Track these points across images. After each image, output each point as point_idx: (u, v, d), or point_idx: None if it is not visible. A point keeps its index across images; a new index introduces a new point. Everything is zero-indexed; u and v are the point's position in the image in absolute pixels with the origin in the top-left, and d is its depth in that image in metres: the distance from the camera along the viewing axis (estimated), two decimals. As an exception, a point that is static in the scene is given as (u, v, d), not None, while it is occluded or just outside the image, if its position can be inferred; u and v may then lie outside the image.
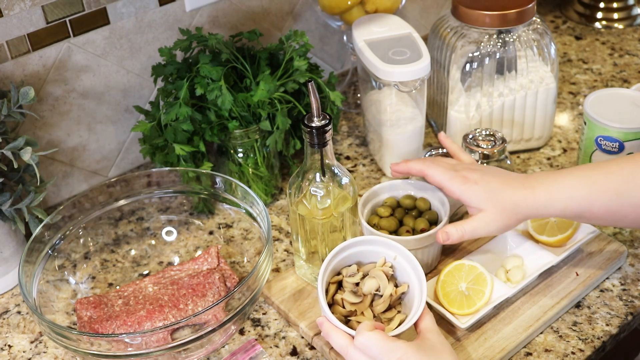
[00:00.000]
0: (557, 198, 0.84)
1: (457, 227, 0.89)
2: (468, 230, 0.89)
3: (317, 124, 0.84)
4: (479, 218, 0.88)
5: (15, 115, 0.96)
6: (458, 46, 1.12)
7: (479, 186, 0.88)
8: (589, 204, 0.83)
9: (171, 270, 1.00)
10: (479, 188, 0.88)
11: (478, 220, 0.88)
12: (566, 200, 0.84)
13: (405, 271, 0.86)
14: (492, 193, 0.87)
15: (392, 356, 0.74)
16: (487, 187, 0.88)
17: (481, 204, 0.88)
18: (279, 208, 1.13)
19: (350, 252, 0.87)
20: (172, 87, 1.05)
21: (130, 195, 1.04)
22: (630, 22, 1.53)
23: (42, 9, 1.03)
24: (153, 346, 0.82)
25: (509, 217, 0.87)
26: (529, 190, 0.86)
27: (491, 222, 0.88)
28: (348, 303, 0.83)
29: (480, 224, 0.88)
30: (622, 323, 0.91)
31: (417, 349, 0.75)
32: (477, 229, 0.88)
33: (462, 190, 0.89)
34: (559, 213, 0.85)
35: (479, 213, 0.88)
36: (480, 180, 0.88)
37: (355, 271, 0.86)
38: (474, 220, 0.88)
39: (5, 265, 1.01)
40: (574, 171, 0.85)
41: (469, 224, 0.89)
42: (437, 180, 0.92)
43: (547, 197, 0.85)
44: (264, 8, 1.26)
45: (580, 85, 1.36)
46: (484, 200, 0.87)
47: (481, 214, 0.88)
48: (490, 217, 0.87)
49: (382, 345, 0.75)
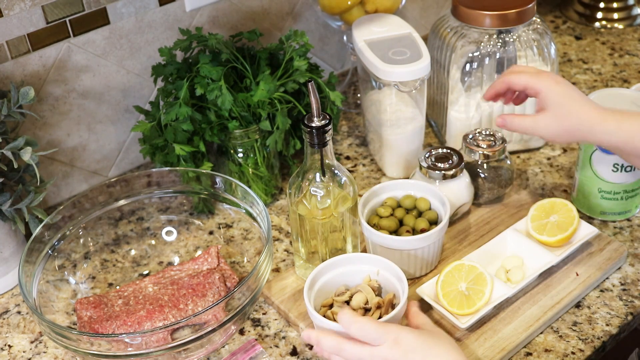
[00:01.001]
0: (624, 129, 0.86)
1: (519, 117, 0.93)
2: (529, 124, 0.92)
3: (317, 124, 0.84)
4: (542, 116, 0.91)
5: (15, 115, 0.96)
6: (458, 46, 1.12)
7: (560, 87, 0.90)
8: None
9: (171, 270, 1.00)
10: (559, 88, 0.90)
11: (541, 118, 0.91)
12: (633, 132, 0.86)
13: (389, 282, 0.88)
14: (567, 98, 0.89)
15: (388, 337, 0.74)
16: (566, 91, 0.90)
17: (553, 102, 0.89)
18: (279, 208, 1.13)
19: (334, 274, 0.90)
20: (172, 87, 1.05)
21: (130, 195, 1.04)
22: (630, 22, 1.53)
23: (42, 9, 1.03)
24: (153, 346, 0.82)
25: (569, 130, 0.89)
26: (599, 115, 0.88)
27: (551, 125, 0.90)
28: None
29: (541, 122, 0.91)
30: (622, 323, 0.91)
31: (410, 330, 0.75)
32: (537, 125, 0.91)
33: (546, 84, 0.91)
34: (619, 144, 0.87)
35: (544, 112, 0.90)
36: (563, 84, 0.91)
37: (344, 290, 0.89)
38: (537, 116, 0.91)
39: (5, 265, 1.01)
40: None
41: (531, 118, 0.92)
42: (525, 75, 0.93)
43: (615, 126, 0.87)
44: (264, 8, 1.26)
45: (580, 85, 1.36)
46: (557, 101, 0.89)
47: (546, 113, 0.90)
48: (553, 120, 0.90)
49: (377, 327, 0.75)
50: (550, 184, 1.13)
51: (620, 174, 1.00)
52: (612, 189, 1.02)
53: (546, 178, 1.15)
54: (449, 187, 1.02)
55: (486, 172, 1.05)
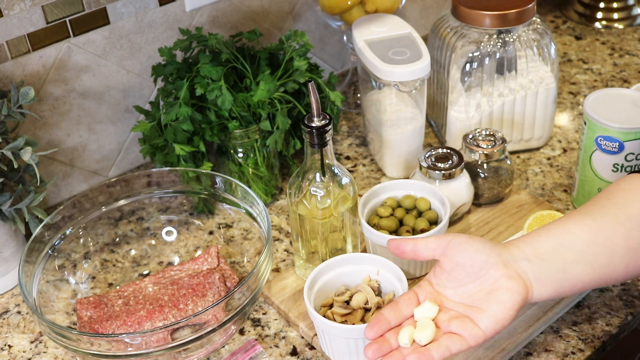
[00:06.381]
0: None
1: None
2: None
3: (317, 124, 0.84)
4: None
5: (15, 115, 0.96)
6: (458, 46, 1.12)
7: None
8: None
9: (171, 270, 1.00)
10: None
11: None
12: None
13: (389, 282, 0.88)
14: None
15: None
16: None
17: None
18: (279, 208, 1.13)
19: (334, 274, 0.90)
20: (172, 87, 1.05)
21: (130, 195, 1.04)
22: (630, 22, 1.53)
23: (42, 9, 1.03)
24: (153, 346, 0.82)
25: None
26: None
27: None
28: (338, 315, 0.85)
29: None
30: (622, 323, 0.91)
31: None
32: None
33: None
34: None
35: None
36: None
37: (344, 291, 0.88)
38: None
39: (5, 265, 1.01)
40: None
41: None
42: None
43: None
44: (264, 8, 1.26)
45: (580, 85, 1.36)
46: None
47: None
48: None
49: None
50: (550, 184, 1.13)
51: (620, 174, 1.00)
52: (612, 189, 1.02)
53: (546, 178, 1.15)
54: (449, 187, 1.02)
55: (486, 172, 1.05)
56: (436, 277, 0.79)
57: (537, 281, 0.76)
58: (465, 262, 0.76)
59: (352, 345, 0.83)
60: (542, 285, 0.76)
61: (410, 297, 0.79)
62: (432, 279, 0.79)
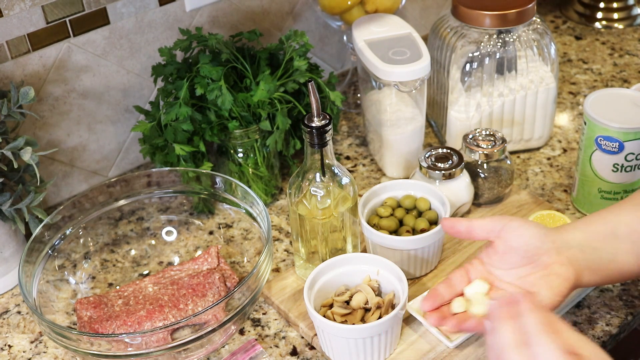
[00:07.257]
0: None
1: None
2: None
3: (317, 124, 0.84)
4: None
5: (15, 115, 0.96)
6: (458, 46, 1.12)
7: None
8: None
9: (171, 270, 1.00)
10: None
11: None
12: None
13: (389, 282, 0.88)
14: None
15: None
16: None
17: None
18: (279, 208, 1.13)
19: (334, 274, 0.90)
20: (172, 87, 1.05)
21: (130, 195, 1.04)
22: (630, 22, 1.53)
23: (42, 9, 1.03)
24: (153, 346, 0.82)
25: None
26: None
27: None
28: (338, 315, 0.85)
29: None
30: (622, 323, 0.91)
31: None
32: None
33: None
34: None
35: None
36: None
37: (344, 291, 0.89)
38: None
39: (5, 265, 1.01)
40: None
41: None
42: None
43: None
44: (264, 8, 1.26)
45: (580, 85, 1.36)
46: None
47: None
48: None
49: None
50: (550, 184, 1.13)
51: (620, 174, 1.00)
52: (612, 189, 1.02)
53: (546, 178, 1.15)
54: (449, 187, 1.02)
55: (486, 172, 1.05)
56: (489, 257, 0.81)
57: (588, 269, 0.78)
58: (520, 247, 0.78)
59: (352, 345, 0.83)
60: (592, 273, 0.78)
61: (462, 274, 0.82)
62: (484, 258, 0.82)
